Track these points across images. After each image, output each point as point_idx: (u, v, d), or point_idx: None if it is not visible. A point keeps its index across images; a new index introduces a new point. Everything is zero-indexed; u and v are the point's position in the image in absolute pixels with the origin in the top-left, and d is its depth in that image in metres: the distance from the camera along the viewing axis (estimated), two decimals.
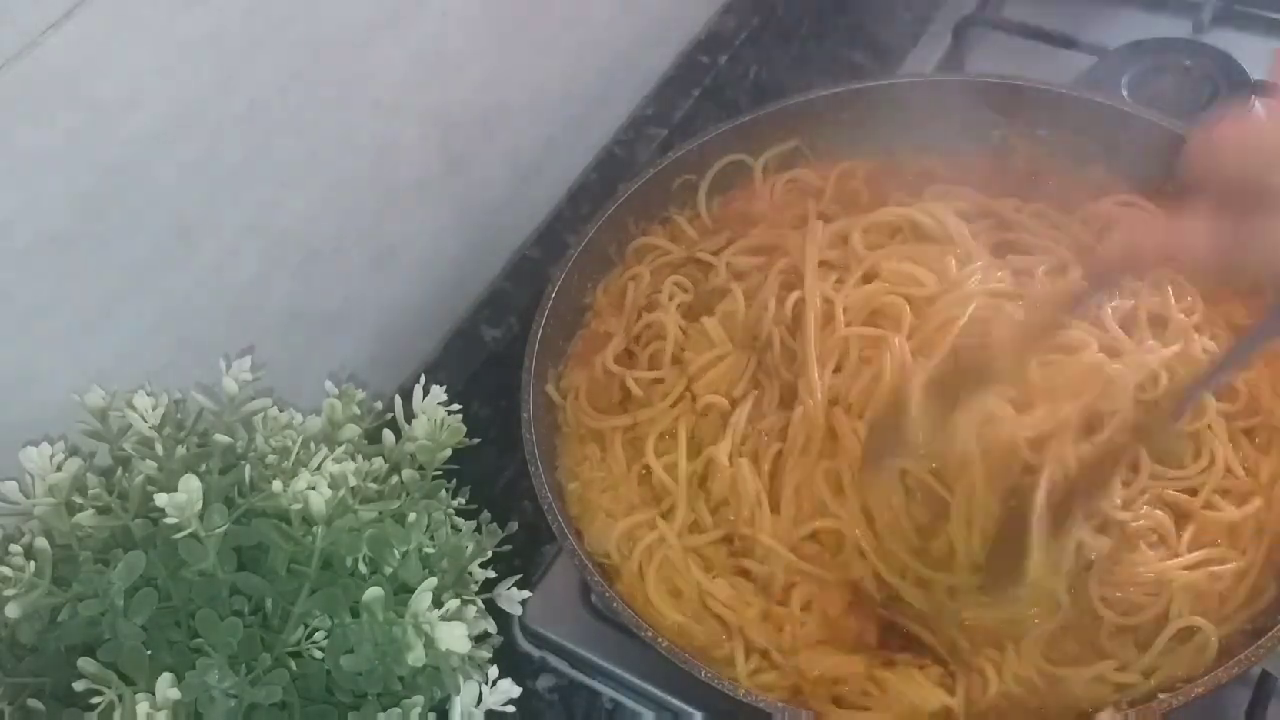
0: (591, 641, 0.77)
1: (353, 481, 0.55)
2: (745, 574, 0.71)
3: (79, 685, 0.49)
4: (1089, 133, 0.85)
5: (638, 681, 0.75)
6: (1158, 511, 0.68)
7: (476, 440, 0.62)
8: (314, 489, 0.53)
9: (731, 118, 0.87)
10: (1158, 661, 0.65)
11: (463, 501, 0.62)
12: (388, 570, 0.54)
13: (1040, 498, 0.63)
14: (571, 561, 0.70)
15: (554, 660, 0.78)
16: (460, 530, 0.59)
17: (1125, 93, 0.96)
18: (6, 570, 0.51)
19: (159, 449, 0.56)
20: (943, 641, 0.67)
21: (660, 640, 0.66)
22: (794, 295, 0.76)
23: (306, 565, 0.53)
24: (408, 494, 0.58)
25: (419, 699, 0.52)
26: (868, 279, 0.76)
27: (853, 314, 0.75)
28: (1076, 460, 0.65)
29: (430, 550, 0.56)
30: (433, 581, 0.52)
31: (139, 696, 0.48)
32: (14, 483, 0.54)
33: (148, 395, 0.57)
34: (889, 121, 0.87)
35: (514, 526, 0.62)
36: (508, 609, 0.60)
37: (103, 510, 0.54)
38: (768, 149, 0.88)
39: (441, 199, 0.82)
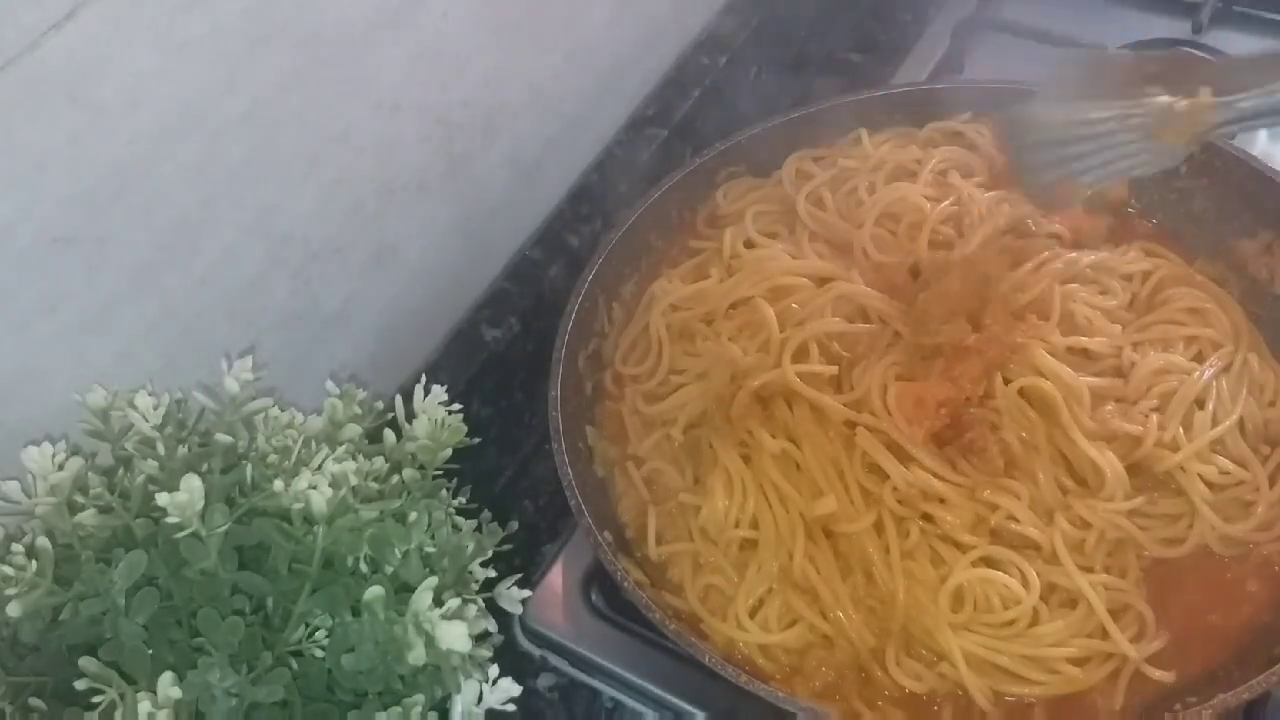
0: (592, 640, 0.78)
1: (354, 481, 0.55)
2: None
3: (80, 684, 0.49)
4: None
5: (638, 680, 0.76)
6: None
7: (477, 440, 0.62)
8: (315, 488, 0.53)
9: (779, 114, 0.90)
10: None
11: (463, 501, 0.62)
12: (389, 569, 0.54)
13: None
14: (586, 540, 0.71)
15: (554, 659, 0.78)
16: (461, 529, 0.60)
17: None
18: (8, 569, 0.51)
19: (160, 448, 0.56)
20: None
21: (668, 624, 0.66)
22: None
23: (308, 564, 0.53)
24: (408, 493, 0.58)
25: (420, 698, 0.52)
26: None
27: None
28: None
29: (431, 549, 0.56)
30: (433, 581, 0.52)
31: (140, 695, 0.48)
32: (16, 482, 0.54)
33: (149, 395, 0.57)
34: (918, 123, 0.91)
35: (514, 526, 0.62)
36: (508, 608, 0.60)
37: (104, 510, 0.54)
38: (807, 146, 0.91)
39: (441, 199, 0.83)
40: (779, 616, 0.71)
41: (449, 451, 0.60)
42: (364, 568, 0.54)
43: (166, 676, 0.49)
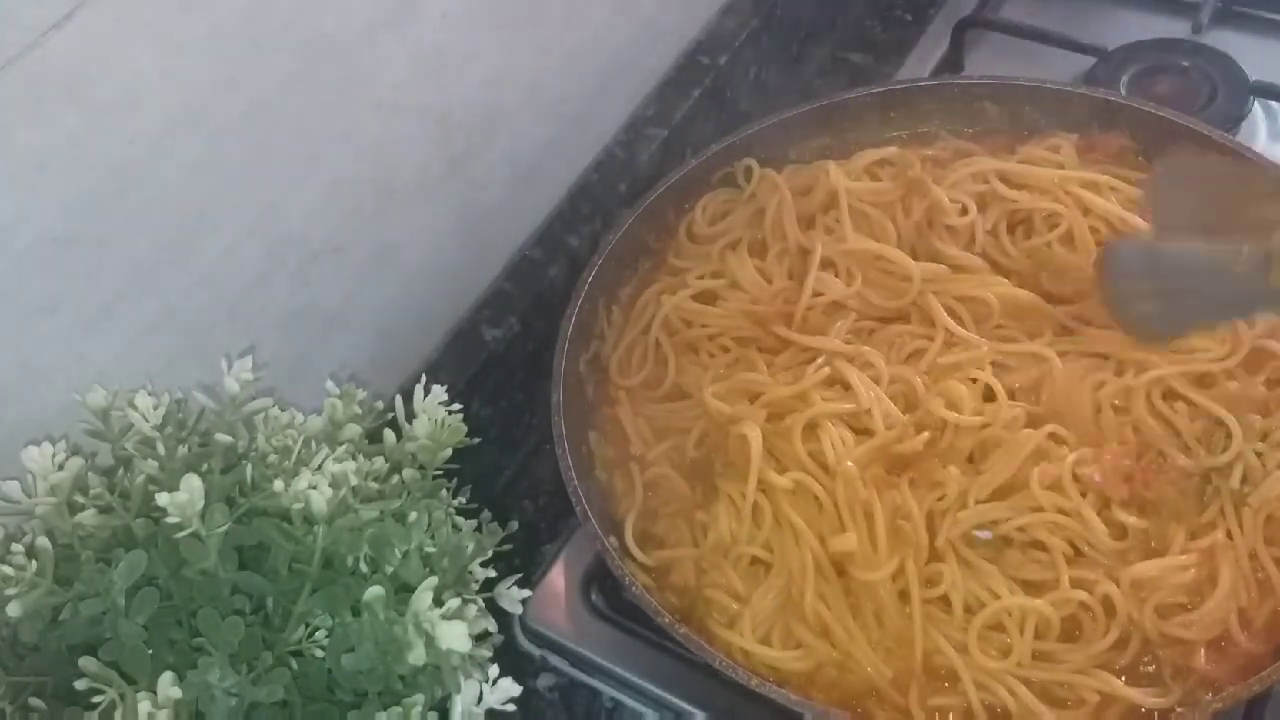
0: (592, 640, 0.78)
1: (354, 481, 0.55)
2: None
3: (80, 684, 0.49)
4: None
5: (638, 680, 0.76)
6: None
7: (477, 440, 0.62)
8: (315, 488, 0.53)
9: (773, 113, 0.91)
10: None
11: (463, 501, 0.62)
12: (389, 569, 0.54)
13: None
14: (593, 545, 0.71)
15: (554, 659, 0.78)
16: (461, 529, 0.60)
17: (1124, 93, 0.97)
18: (8, 569, 0.51)
19: (160, 448, 0.56)
20: None
21: (678, 627, 0.66)
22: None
23: (308, 564, 0.53)
24: (409, 493, 0.58)
25: (420, 698, 0.52)
26: None
27: None
28: None
29: (431, 549, 0.56)
30: (433, 580, 0.52)
31: (140, 695, 0.48)
32: (16, 482, 0.54)
33: (149, 395, 0.57)
34: (918, 120, 0.92)
35: (514, 526, 0.62)
36: (508, 608, 0.60)
37: (104, 510, 0.54)
38: (802, 144, 0.91)
39: (441, 199, 0.83)
40: (783, 639, 0.71)
41: (449, 451, 0.60)
42: (364, 568, 0.54)
43: (166, 676, 0.49)
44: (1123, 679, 0.67)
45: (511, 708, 0.55)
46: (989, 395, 0.74)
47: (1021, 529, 0.70)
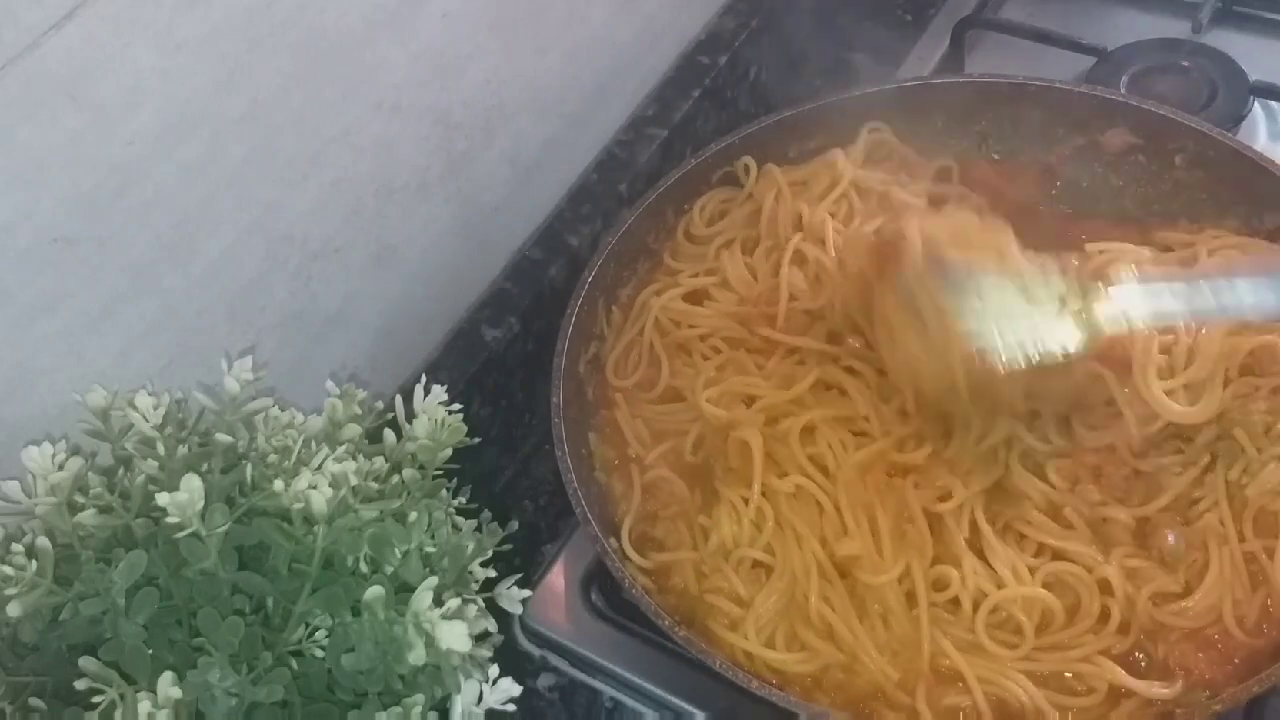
0: (592, 640, 0.78)
1: (354, 481, 0.55)
2: None
3: (80, 684, 0.49)
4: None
5: (638, 680, 0.76)
6: None
7: (477, 440, 0.62)
8: (315, 488, 0.53)
9: (772, 113, 0.91)
10: None
11: (463, 501, 0.62)
12: (389, 569, 0.54)
13: None
14: (593, 547, 0.71)
15: (554, 659, 0.78)
16: (461, 529, 0.60)
17: (1124, 92, 0.96)
18: (8, 569, 0.51)
19: (160, 448, 0.56)
20: None
21: (678, 630, 0.66)
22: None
23: (308, 564, 0.53)
24: (409, 493, 0.58)
25: (420, 698, 0.52)
26: None
27: None
28: None
29: (431, 549, 0.56)
30: (433, 580, 0.52)
31: (140, 695, 0.48)
32: (16, 482, 0.54)
33: (149, 395, 0.57)
34: (917, 121, 0.91)
35: (514, 525, 0.62)
36: (508, 608, 0.60)
37: (104, 510, 0.54)
38: (802, 144, 0.91)
39: (441, 199, 0.83)
40: (787, 642, 0.71)
41: (449, 451, 0.60)
42: (364, 568, 0.54)
43: (166, 676, 0.49)
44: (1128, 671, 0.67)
45: (511, 708, 0.55)
46: None
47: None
